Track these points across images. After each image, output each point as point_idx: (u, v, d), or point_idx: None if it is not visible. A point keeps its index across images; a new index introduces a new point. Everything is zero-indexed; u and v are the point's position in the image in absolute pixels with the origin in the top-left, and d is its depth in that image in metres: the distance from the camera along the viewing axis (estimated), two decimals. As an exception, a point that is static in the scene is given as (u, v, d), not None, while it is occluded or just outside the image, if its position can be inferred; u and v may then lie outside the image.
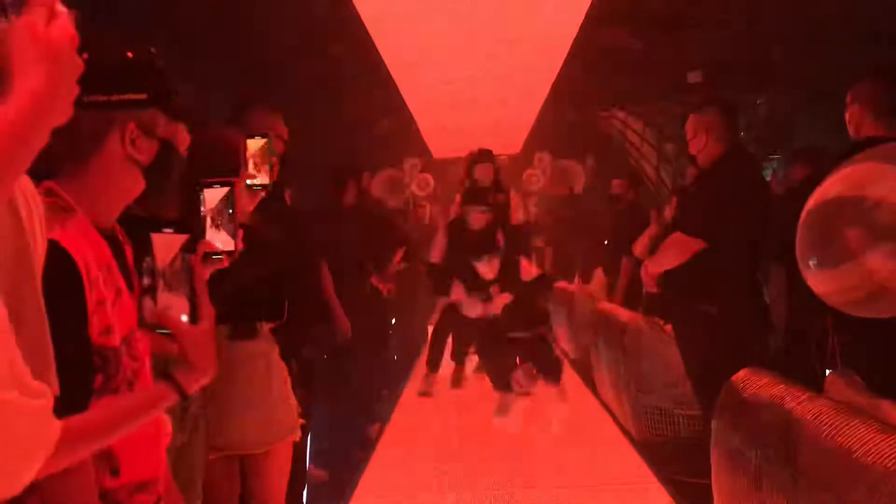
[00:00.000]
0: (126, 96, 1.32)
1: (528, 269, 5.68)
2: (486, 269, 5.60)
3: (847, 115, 3.12)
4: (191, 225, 1.26)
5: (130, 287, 1.35)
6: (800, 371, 3.26)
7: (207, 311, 1.24)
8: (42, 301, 1.00)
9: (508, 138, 9.77)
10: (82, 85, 1.30)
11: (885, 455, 1.81)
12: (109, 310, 1.26)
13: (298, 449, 3.18)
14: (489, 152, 6.17)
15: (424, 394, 6.14)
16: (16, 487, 0.93)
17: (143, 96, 1.34)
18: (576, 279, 7.64)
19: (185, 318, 1.23)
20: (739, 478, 2.54)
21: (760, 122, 5.31)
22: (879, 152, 2.35)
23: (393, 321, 6.67)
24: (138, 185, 1.37)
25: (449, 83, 7.04)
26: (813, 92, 4.01)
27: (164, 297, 1.22)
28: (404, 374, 6.97)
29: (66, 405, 1.00)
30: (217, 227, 1.64)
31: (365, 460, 4.64)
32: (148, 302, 1.23)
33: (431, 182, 9.97)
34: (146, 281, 1.23)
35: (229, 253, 1.64)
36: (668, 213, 5.30)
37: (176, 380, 1.20)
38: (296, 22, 5.06)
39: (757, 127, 5.31)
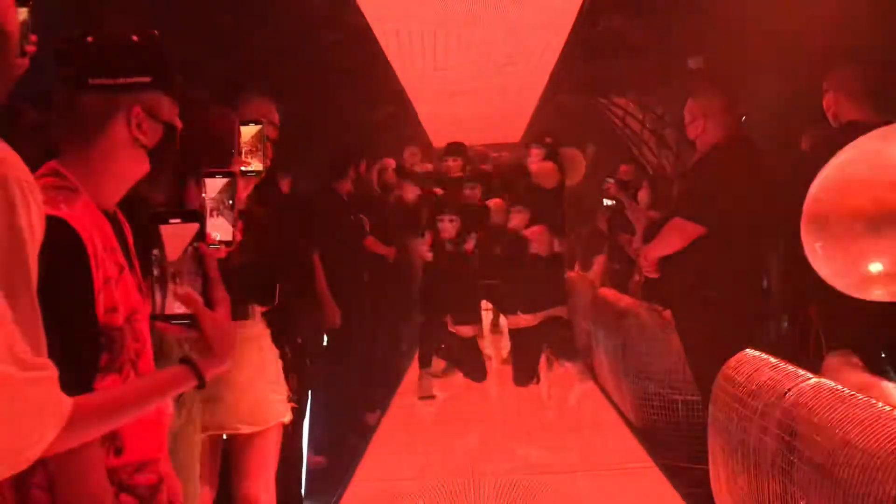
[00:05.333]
0: (131, 79, 1.33)
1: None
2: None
3: (825, 103, 3.12)
4: (197, 214, 1.26)
5: (132, 268, 1.36)
6: (797, 353, 3.26)
7: (223, 297, 1.24)
8: (34, 287, 0.99)
9: (508, 127, 9.74)
10: (89, 68, 1.32)
11: (882, 436, 1.81)
12: (114, 289, 1.27)
13: (296, 435, 3.19)
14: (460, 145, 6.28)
15: (426, 398, 5.77)
16: (22, 462, 0.93)
17: (148, 79, 1.35)
18: (576, 267, 7.63)
19: None
20: (736, 462, 2.53)
21: (761, 107, 5.28)
22: (877, 135, 2.34)
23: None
24: (142, 168, 1.39)
25: (448, 70, 7.00)
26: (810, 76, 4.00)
27: (173, 287, 1.22)
28: (404, 362, 6.97)
29: (73, 383, 1.00)
30: (216, 216, 1.64)
31: (363, 447, 4.65)
32: (159, 293, 1.23)
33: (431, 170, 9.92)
34: (156, 272, 1.23)
35: (227, 243, 1.64)
36: (643, 196, 5.33)
37: (195, 364, 1.21)
38: (293, 8, 5.04)
39: (758, 111, 5.27)
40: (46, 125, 1.37)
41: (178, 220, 1.23)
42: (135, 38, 1.34)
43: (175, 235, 1.22)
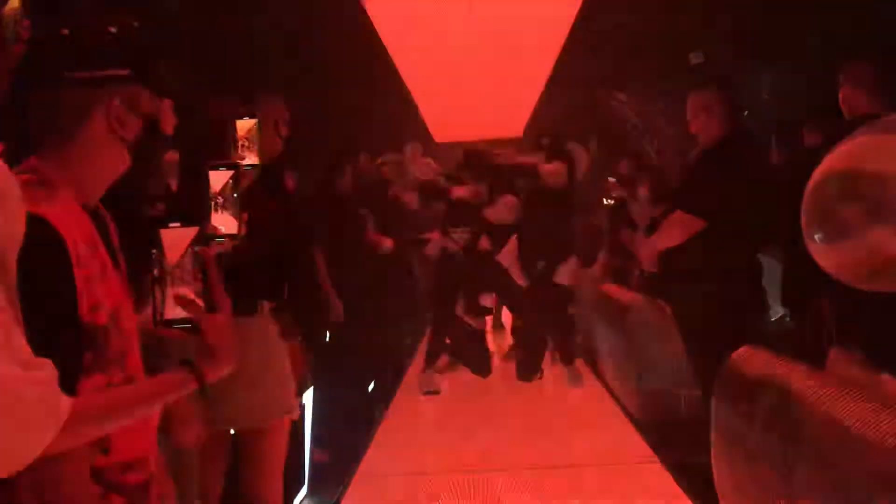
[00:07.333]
0: (109, 72, 1.30)
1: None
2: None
3: (840, 96, 3.11)
4: (198, 217, 1.25)
5: (116, 265, 1.34)
6: (803, 348, 3.26)
7: (224, 301, 1.22)
8: (14, 286, 0.97)
9: (510, 122, 9.72)
10: (65, 61, 1.29)
11: (886, 432, 1.80)
12: (97, 286, 1.25)
13: (299, 430, 3.20)
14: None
15: (430, 393, 5.79)
16: (19, 464, 0.92)
17: (127, 72, 1.32)
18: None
19: None
20: (739, 456, 2.53)
21: (763, 101, 5.27)
22: (877, 126, 2.33)
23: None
24: (123, 162, 1.36)
25: (449, 65, 6.99)
26: (815, 70, 4.00)
27: (174, 291, 1.21)
28: (407, 357, 6.98)
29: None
30: (221, 210, 1.64)
31: (367, 442, 4.66)
32: (159, 296, 1.22)
33: (433, 166, 9.90)
34: (156, 275, 1.22)
35: (233, 236, 1.64)
36: (643, 192, 5.33)
37: (197, 368, 1.19)
38: (295, 3, 5.02)
39: (760, 106, 5.26)
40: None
41: (177, 224, 1.22)
42: (112, 29, 1.31)
43: (175, 239, 1.21)
